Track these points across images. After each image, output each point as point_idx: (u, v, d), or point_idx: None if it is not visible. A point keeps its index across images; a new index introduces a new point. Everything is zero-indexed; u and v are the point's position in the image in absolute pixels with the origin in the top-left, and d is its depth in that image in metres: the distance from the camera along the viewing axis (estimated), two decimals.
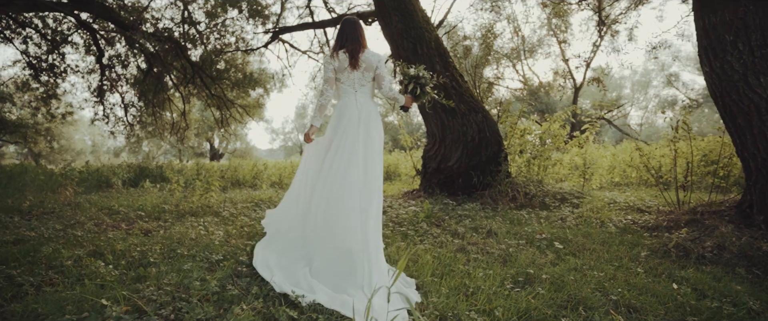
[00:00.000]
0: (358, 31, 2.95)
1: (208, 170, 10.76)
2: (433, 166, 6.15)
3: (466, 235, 3.87)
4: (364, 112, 2.89)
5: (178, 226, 4.44)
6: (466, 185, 5.91)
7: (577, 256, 3.28)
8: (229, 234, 4.02)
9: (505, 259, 3.22)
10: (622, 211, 4.95)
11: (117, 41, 12.98)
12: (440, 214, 4.77)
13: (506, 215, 4.74)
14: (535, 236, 3.80)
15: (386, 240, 3.69)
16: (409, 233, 3.99)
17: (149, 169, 9.64)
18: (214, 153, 29.85)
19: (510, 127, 6.07)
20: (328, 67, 2.89)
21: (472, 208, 5.00)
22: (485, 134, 5.87)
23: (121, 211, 5.26)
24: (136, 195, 7.01)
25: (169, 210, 5.36)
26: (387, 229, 4.17)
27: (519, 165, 6.07)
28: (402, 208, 5.29)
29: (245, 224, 4.42)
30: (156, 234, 4.09)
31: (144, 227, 4.46)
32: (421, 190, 6.60)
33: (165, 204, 5.69)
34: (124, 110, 13.84)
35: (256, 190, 8.44)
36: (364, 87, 2.95)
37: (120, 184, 8.24)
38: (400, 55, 6.24)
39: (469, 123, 5.91)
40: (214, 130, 25.23)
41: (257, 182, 9.24)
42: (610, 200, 5.45)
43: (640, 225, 4.15)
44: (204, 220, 4.76)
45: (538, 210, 5.12)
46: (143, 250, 3.31)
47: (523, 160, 6.10)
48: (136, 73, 13.66)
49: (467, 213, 4.76)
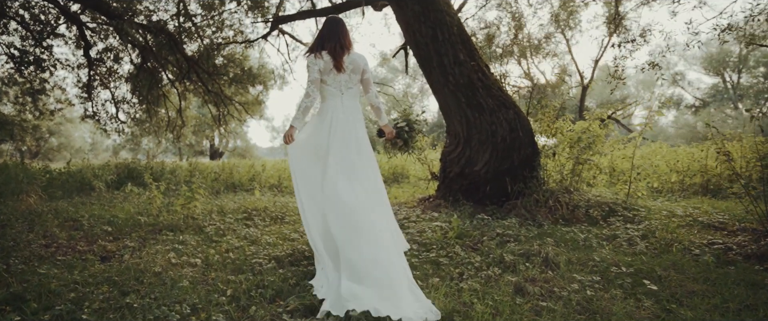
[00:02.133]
0: (342, 30, 2.80)
1: (202, 171, 9.76)
2: (456, 170, 5.16)
3: (518, 265, 2.89)
4: (351, 117, 2.75)
5: (148, 248, 3.44)
6: (495, 193, 4.92)
7: (685, 305, 2.30)
8: (208, 263, 3.03)
9: (585, 309, 2.24)
10: (694, 228, 3.97)
11: (110, 34, 11.94)
12: (474, 233, 3.78)
13: (554, 233, 3.76)
14: (610, 269, 2.82)
15: (415, 272, 2.71)
16: (441, 261, 3.00)
17: (137, 170, 8.63)
18: (214, 151, 28.84)
19: (547, 125, 5.08)
20: (313, 67, 2.70)
21: (511, 224, 4.01)
22: (518, 134, 4.88)
23: (85, 224, 4.27)
24: (115, 201, 6.01)
25: (145, 223, 4.37)
26: (412, 254, 3.18)
27: (549, 170, 5.09)
28: (423, 222, 4.30)
29: (231, 247, 3.42)
30: (115, 261, 3.10)
31: (105, 249, 3.46)
32: (439, 197, 5.61)
33: (142, 215, 4.70)
34: (115, 106, 12.80)
35: (251, 195, 7.45)
36: (350, 89, 2.81)
37: (102, 188, 7.24)
38: (418, 41, 5.25)
39: (498, 121, 4.91)
40: (213, 128, 24.23)
41: (254, 185, 8.24)
42: (669, 213, 4.46)
43: (736, 251, 3.16)
44: (182, 237, 3.77)
45: (586, 225, 4.14)
46: (82, 295, 2.32)
47: (554, 164, 5.12)
48: (129, 68, 12.64)
49: (507, 231, 3.77)
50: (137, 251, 3.36)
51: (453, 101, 5.05)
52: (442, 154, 5.61)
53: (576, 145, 4.97)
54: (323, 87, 2.78)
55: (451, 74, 5.06)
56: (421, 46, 5.28)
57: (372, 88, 2.90)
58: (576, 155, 4.70)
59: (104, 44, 11.87)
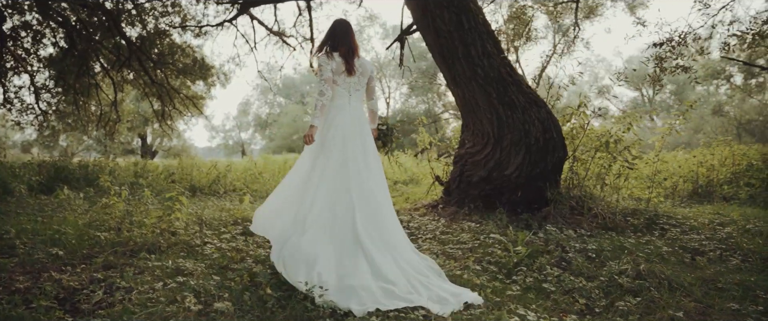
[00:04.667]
0: (352, 34, 2.86)
1: (152, 172, 8.22)
2: (481, 174, 4.51)
3: (643, 292, 2.27)
4: (357, 118, 2.81)
5: (130, 281, 2.36)
6: (528, 199, 4.35)
7: None
8: (245, 308, 2.05)
9: None
10: (757, 236, 3.65)
11: (30, 9, 9.80)
12: (540, 245, 3.13)
13: (622, 245, 3.21)
14: (748, 294, 2.30)
15: (520, 303, 1.98)
16: (546, 288, 2.30)
17: (69, 169, 6.96)
18: (146, 150, 25.82)
19: (579, 127, 4.60)
20: (325, 67, 2.74)
21: (569, 235, 3.42)
22: (551, 135, 4.35)
23: (19, 247, 2.97)
24: (46, 210, 4.57)
25: (107, 242, 3.18)
26: (495, 277, 2.44)
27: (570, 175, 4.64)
28: (459, 233, 3.59)
29: (266, 281, 2.41)
30: (84, 308, 2.02)
31: (61, 287, 2.32)
32: (452, 203, 4.94)
33: (98, 229, 3.46)
34: (34, 95, 10.59)
35: (221, 199, 6.25)
36: (358, 92, 2.88)
37: (23, 191, 5.62)
38: (439, 29, 4.53)
39: (531, 120, 4.35)
40: (149, 124, 21.58)
41: (218, 188, 6.98)
42: (709, 220, 4.16)
43: None
44: (174, 263, 2.69)
45: (642, 234, 3.68)
46: None
47: (581, 167, 4.69)
48: (53, 52, 10.50)
49: (571, 242, 3.17)
50: (119, 289, 2.27)
51: (482, 96, 4.40)
52: (458, 155, 4.94)
53: (603, 148, 4.57)
54: (333, 87, 2.78)
55: (480, 66, 4.41)
56: (442, 35, 4.57)
57: (375, 94, 3.05)
58: (612, 156, 4.26)
59: (21, 19, 9.71)
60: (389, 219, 2.66)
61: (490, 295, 2.28)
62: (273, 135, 28.59)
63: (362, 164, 2.67)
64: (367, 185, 2.61)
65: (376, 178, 2.70)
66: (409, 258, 2.54)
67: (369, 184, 2.63)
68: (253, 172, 8.54)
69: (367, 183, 2.62)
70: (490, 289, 2.36)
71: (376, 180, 2.70)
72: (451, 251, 3.18)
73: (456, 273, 2.64)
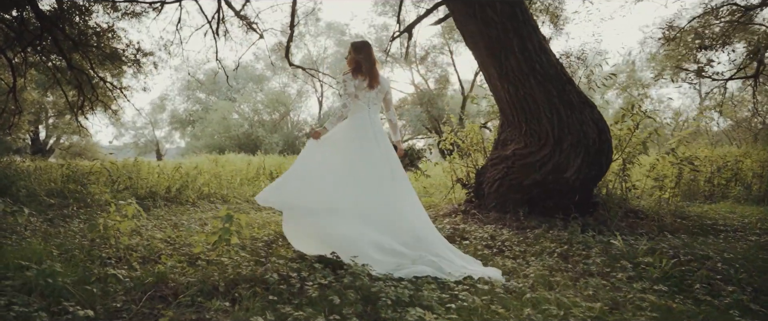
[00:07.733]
0: (373, 54, 3.09)
1: (84, 173, 6.45)
2: (535, 177, 4.13)
3: None
4: (377, 127, 3.07)
5: None
6: (583, 204, 4.07)
7: None
8: None
9: None
10: None
11: None
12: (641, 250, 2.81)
13: (701, 254, 3.03)
14: None
15: None
16: None
17: None
18: (37, 148, 21.43)
19: (627, 129, 4.43)
20: (349, 83, 3.01)
21: (647, 247, 3.13)
22: (606, 136, 4.13)
23: None
24: (8, 245, 3.12)
25: (136, 282, 2.13)
26: (629, 289, 2.03)
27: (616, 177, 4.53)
28: (534, 241, 3.16)
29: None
30: None
31: None
32: (482, 207, 4.52)
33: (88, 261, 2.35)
34: None
35: (196, 208, 5.06)
36: (375, 105, 3.12)
37: None
38: (488, 19, 4.05)
39: (586, 120, 4.08)
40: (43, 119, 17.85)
41: (188, 196, 5.68)
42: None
43: None
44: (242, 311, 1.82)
45: (706, 237, 3.59)
46: None
47: (632, 169, 4.57)
48: None
49: (679, 249, 2.90)
50: None
51: (542, 94, 4.02)
52: (501, 157, 4.51)
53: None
54: (354, 101, 3.03)
55: (538, 62, 4.03)
56: (492, 25, 4.10)
57: (392, 106, 3.30)
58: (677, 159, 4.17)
59: None
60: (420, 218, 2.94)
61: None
62: (198, 134, 25.65)
63: (393, 167, 3.02)
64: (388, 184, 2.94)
65: (403, 177, 3.04)
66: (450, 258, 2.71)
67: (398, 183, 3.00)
68: (219, 173, 7.23)
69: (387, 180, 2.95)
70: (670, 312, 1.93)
71: (404, 179, 3.04)
72: (551, 262, 2.73)
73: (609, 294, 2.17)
